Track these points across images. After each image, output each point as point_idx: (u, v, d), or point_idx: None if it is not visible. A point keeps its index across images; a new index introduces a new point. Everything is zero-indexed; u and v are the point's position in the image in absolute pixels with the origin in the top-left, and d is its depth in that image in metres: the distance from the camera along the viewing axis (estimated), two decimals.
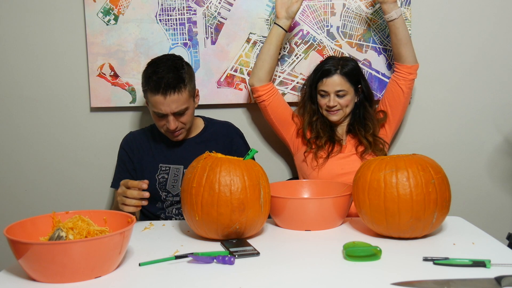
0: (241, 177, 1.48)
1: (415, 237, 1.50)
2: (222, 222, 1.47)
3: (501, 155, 2.34)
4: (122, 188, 1.66)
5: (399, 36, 2.07)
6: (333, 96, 2.06)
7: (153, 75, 1.87)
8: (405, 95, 2.12)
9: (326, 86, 2.07)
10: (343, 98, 2.07)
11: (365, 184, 1.50)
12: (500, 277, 1.17)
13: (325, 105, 2.09)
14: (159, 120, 1.92)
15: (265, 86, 2.12)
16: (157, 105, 1.87)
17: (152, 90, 1.86)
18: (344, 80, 2.07)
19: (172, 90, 1.84)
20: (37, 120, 2.41)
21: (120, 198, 1.65)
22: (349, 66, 2.08)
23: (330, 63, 2.09)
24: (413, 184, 1.44)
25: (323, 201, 1.63)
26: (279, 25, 2.09)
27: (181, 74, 1.87)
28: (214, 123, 2.15)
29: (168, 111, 1.87)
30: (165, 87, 1.83)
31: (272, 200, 1.61)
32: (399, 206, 1.44)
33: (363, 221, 1.57)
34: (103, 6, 2.29)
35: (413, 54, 2.11)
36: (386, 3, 2.06)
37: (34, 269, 1.22)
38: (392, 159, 1.51)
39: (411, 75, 2.11)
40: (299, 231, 1.62)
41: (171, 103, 1.85)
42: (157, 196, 2.01)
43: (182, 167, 2.02)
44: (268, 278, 1.24)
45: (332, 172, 2.06)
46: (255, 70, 2.14)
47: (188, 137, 2.06)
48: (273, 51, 2.11)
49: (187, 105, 1.90)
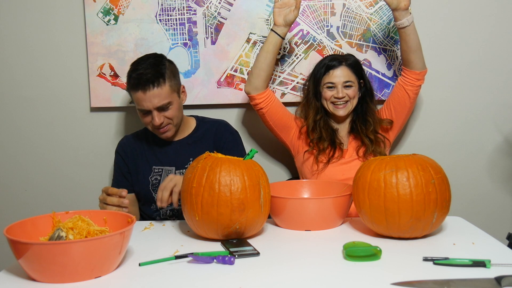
0: (241, 177, 1.48)
1: (415, 237, 1.50)
2: (222, 222, 1.47)
3: (501, 155, 2.34)
4: (103, 195, 1.71)
5: (410, 43, 2.04)
6: (341, 88, 2.06)
7: (133, 73, 1.91)
8: (411, 100, 2.11)
9: (333, 78, 2.06)
10: (351, 89, 2.07)
11: (365, 184, 1.50)
12: (500, 277, 1.17)
13: (332, 97, 2.07)
14: (144, 117, 1.94)
15: (262, 94, 2.09)
16: (139, 102, 1.90)
17: (133, 87, 1.89)
18: (350, 72, 2.08)
19: (151, 85, 1.86)
20: (37, 120, 2.41)
21: (101, 204, 1.71)
22: (352, 59, 2.11)
23: (333, 58, 2.10)
24: (413, 184, 1.44)
25: (323, 201, 1.63)
26: (277, 33, 2.06)
27: (160, 69, 1.89)
28: (206, 122, 2.13)
29: (150, 106, 1.88)
30: (143, 82, 1.86)
31: (272, 200, 1.61)
32: (399, 206, 1.44)
33: (363, 221, 1.57)
34: (103, 6, 2.29)
35: (423, 60, 2.08)
36: (397, 10, 2.01)
37: (34, 269, 1.22)
38: (392, 159, 1.51)
39: (419, 81, 2.09)
40: (299, 231, 1.62)
41: (152, 98, 1.87)
42: (151, 198, 2.02)
43: (174, 168, 2.02)
44: (268, 278, 1.24)
45: (333, 178, 2.05)
46: (251, 78, 2.09)
47: (179, 138, 2.06)
48: (270, 59, 2.07)
49: (170, 100, 1.91)
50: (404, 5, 2.00)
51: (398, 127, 2.18)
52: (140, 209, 2.08)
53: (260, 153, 2.38)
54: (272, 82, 2.31)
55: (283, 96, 2.32)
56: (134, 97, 1.91)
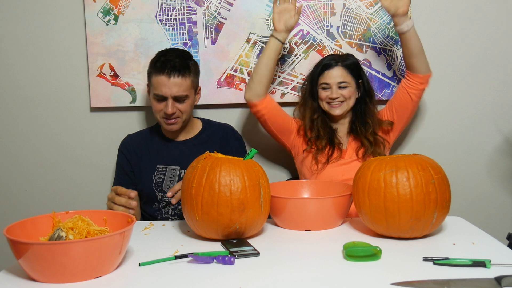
0: (241, 177, 1.48)
1: (415, 237, 1.50)
2: (222, 222, 1.47)
3: (501, 155, 2.34)
4: (112, 194, 1.72)
5: (410, 48, 2.02)
6: (335, 88, 2.05)
7: (161, 57, 1.95)
8: (413, 103, 2.10)
9: (328, 79, 2.06)
10: (346, 90, 2.07)
11: (365, 184, 1.50)
12: (500, 277, 1.17)
13: (327, 97, 2.07)
14: (158, 103, 1.95)
15: (264, 100, 2.07)
16: (159, 86, 1.92)
17: (158, 70, 1.92)
18: (346, 72, 2.07)
19: (177, 73, 1.90)
20: (37, 120, 2.41)
21: (109, 203, 1.71)
22: (350, 60, 2.10)
23: (331, 58, 2.10)
24: (413, 184, 1.44)
25: (323, 201, 1.63)
26: (277, 38, 2.05)
27: (187, 62, 1.95)
28: (213, 125, 2.15)
29: (168, 93, 1.91)
30: (170, 68, 1.90)
31: (272, 200, 1.61)
32: (399, 206, 1.44)
33: (363, 221, 1.57)
34: (103, 6, 2.29)
35: (426, 64, 2.06)
36: (396, 16, 2.00)
37: (34, 269, 1.22)
38: (392, 159, 1.51)
39: (422, 84, 2.07)
40: (299, 231, 1.62)
41: (173, 85, 1.90)
42: (154, 197, 2.02)
43: (179, 168, 2.02)
44: (268, 278, 1.24)
45: (333, 178, 2.04)
46: (252, 85, 2.07)
47: (185, 138, 2.07)
48: (272, 65, 2.06)
49: (188, 94, 1.94)
50: (402, 10, 1.99)
51: (399, 129, 2.17)
52: (142, 208, 2.08)
53: (260, 153, 2.37)
54: (272, 82, 2.31)
55: (283, 96, 2.32)
56: (155, 81, 1.93)
